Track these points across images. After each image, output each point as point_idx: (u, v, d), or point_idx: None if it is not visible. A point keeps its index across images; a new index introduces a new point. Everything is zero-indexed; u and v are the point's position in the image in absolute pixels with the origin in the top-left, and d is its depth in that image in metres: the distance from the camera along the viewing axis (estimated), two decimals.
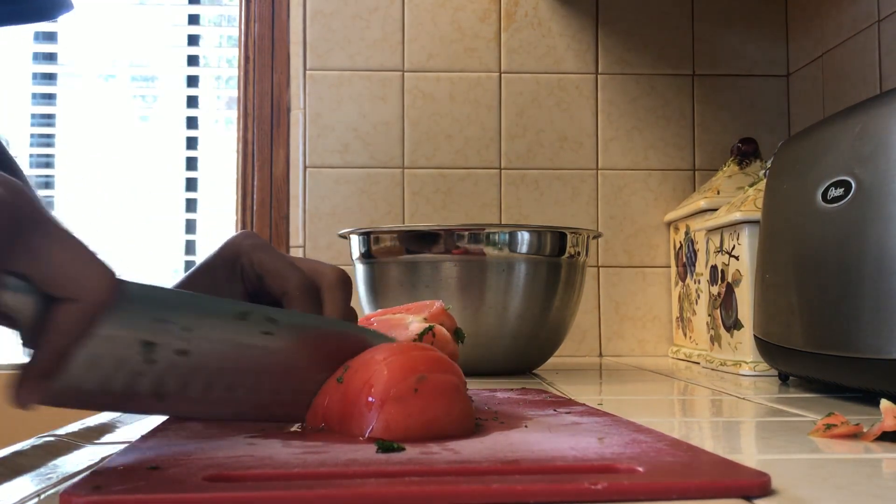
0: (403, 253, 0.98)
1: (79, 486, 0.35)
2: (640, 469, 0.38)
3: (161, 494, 0.34)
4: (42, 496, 0.38)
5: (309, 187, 1.40)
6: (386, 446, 0.43)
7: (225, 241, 0.63)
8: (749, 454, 0.48)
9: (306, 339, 0.50)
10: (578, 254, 1.02)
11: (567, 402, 0.66)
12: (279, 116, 1.43)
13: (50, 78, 1.71)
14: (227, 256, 0.61)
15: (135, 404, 0.45)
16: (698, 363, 1.18)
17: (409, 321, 0.61)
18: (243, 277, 0.61)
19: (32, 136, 1.70)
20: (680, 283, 1.34)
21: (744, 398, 0.76)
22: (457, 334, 0.63)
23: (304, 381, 0.50)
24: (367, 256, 1.02)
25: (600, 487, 0.34)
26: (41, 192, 1.64)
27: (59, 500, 0.33)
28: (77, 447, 0.52)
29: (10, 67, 1.69)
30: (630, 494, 0.35)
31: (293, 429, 0.51)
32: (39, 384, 0.40)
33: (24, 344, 0.41)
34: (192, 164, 1.71)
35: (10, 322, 0.41)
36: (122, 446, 0.47)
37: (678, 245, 1.35)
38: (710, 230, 1.11)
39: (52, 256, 0.39)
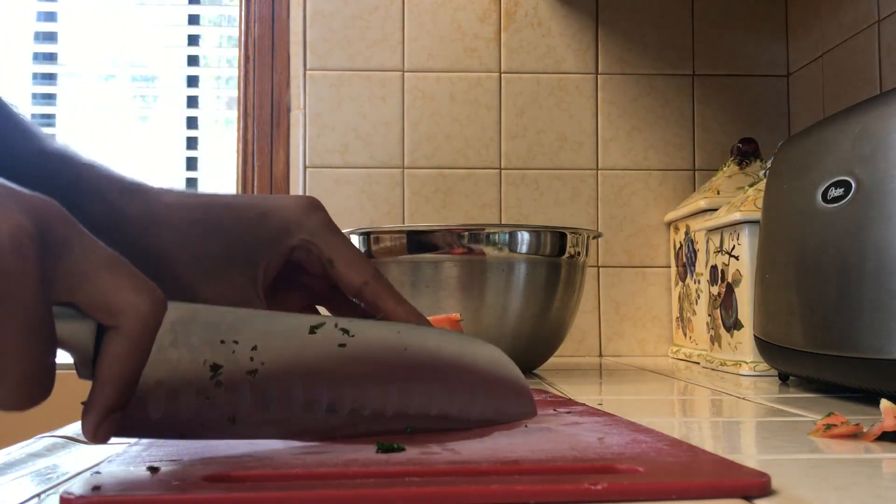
0: (404, 253, 0.98)
1: (79, 486, 0.35)
2: (641, 469, 0.38)
3: (160, 495, 0.34)
4: (42, 496, 0.38)
5: (309, 187, 1.40)
6: (386, 447, 0.43)
7: (274, 203, 0.56)
8: (749, 454, 0.48)
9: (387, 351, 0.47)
10: (578, 254, 1.02)
11: (567, 402, 0.66)
12: (279, 116, 1.43)
13: (50, 78, 1.71)
14: (288, 224, 0.55)
15: (207, 430, 0.43)
16: (698, 363, 1.18)
17: None
18: (296, 257, 0.55)
19: None
20: (680, 283, 1.34)
21: (744, 398, 0.76)
22: None
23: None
24: (367, 256, 1.02)
25: (601, 488, 0.34)
26: None
27: (59, 500, 0.33)
28: (77, 447, 0.52)
29: (10, 68, 1.69)
30: (630, 495, 0.35)
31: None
32: (105, 417, 0.38)
33: (83, 376, 0.39)
34: (192, 164, 1.71)
35: (74, 354, 0.38)
36: (122, 446, 0.47)
37: (678, 245, 1.35)
38: (710, 230, 1.11)
39: (93, 282, 0.37)
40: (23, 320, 0.34)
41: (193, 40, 1.72)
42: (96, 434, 0.38)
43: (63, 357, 0.38)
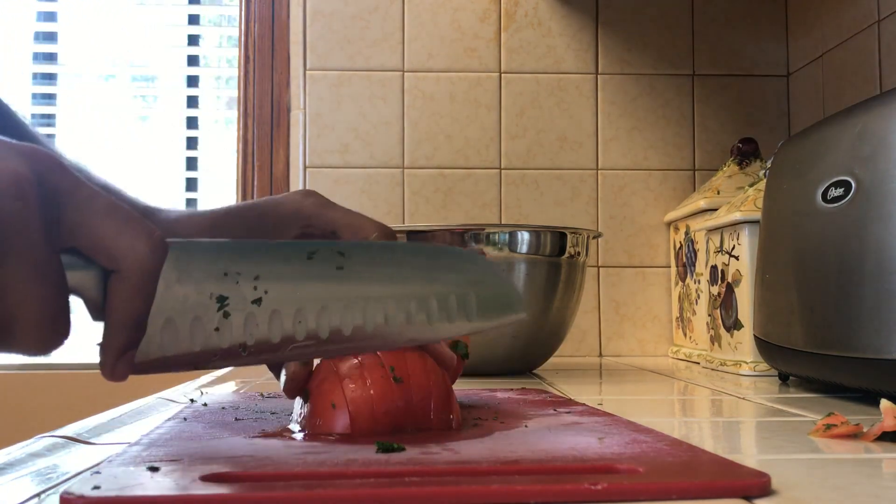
0: None
1: (79, 486, 0.35)
2: (641, 469, 0.38)
3: (160, 494, 0.34)
4: (42, 496, 0.38)
5: (309, 187, 1.40)
6: (386, 446, 0.43)
7: (272, 201, 0.59)
8: (749, 454, 0.48)
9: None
10: (578, 254, 1.02)
11: (567, 402, 0.66)
12: (279, 116, 1.43)
13: (50, 78, 1.71)
14: (286, 217, 0.58)
15: (220, 360, 0.44)
16: (698, 363, 1.18)
17: None
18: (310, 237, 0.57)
19: None
20: (680, 283, 1.34)
21: (744, 398, 0.76)
22: (456, 347, 0.60)
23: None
24: None
25: (600, 488, 0.34)
26: None
27: (59, 500, 0.33)
28: (77, 447, 0.52)
29: (11, 68, 1.69)
30: (630, 494, 0.35)
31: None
32: (120, 356, 0.40)
33: (96, 319, 0.41)
34: (192, 164, 1.71)
35: (84, 300, 0.40)
36: (122, 446, 0.47)
37: (678, 245, 1.35)
38: (710, 230, 1.11)
39: (92, 228, 0.38)
40: (32, 264, 0.36)
41: (193, 40, 1.72)
42: (114, 373, 0.40)
43: (61, 357, 0.38)
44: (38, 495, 0.38)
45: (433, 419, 0.51)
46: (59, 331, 0.38)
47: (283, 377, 0.53)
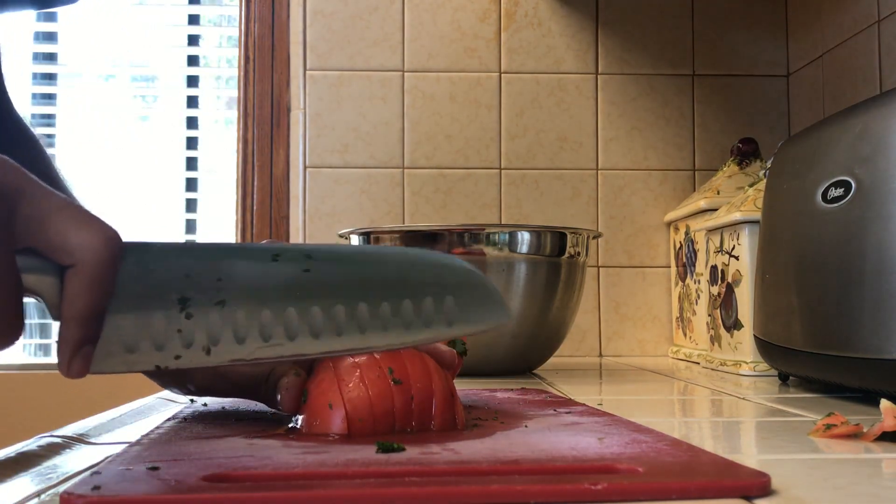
0: None
1: (79, 486, 0.35)
2: (641, 469, 0.38)
3: (161, 495, 0.34)
4: (42, 496, 0.38)
5: (309, 187, 1.40)
6: (386, 446, 0.43)
7: None
8: (749, 454, 0.48)
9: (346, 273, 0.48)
10: (578, 254, 1.02)
11: (566, 402, 0.66)
12: (279, 116, 1.43)
13: (50, 78, 1.72)
14: None
15: (184, 360, 0.44)
16: (698, 363, 1.18)
17: None
18: None
19: None
20: (680, 283, 1.34)
21: (744, 398, 0.76)
22: (454, 345, 0.60)
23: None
24: None
25: (601, 488, 0.34)
26: None
27: (59, 500, 0.33)
28: (77, 447, 0.52)
29: (11, 68, 1.69)
30: (630, 495, 0.35)
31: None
32: (76, 352, 0.40)
33: (55, 318, 0.41)
34: (192, 164, 1.71)
35: (43, 300, 0.41)
36: (122, 446, 0.47)
37: (678, 245, 1.35)
38: (710, 230, 1.11)
39: (49, 223, 0.39)
40: None
41: (193, 40, 1.72)
42: (70, 368, 0.41)
43: (54, 356, 0.39)
44: (38, 495, 0.38)
45: (436, 420, 0.51)
46: (11, 332, 0.39)
47: (279, 396, 0.53)
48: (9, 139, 0.77)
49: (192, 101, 1.71)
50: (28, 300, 0.42)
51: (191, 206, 1.69)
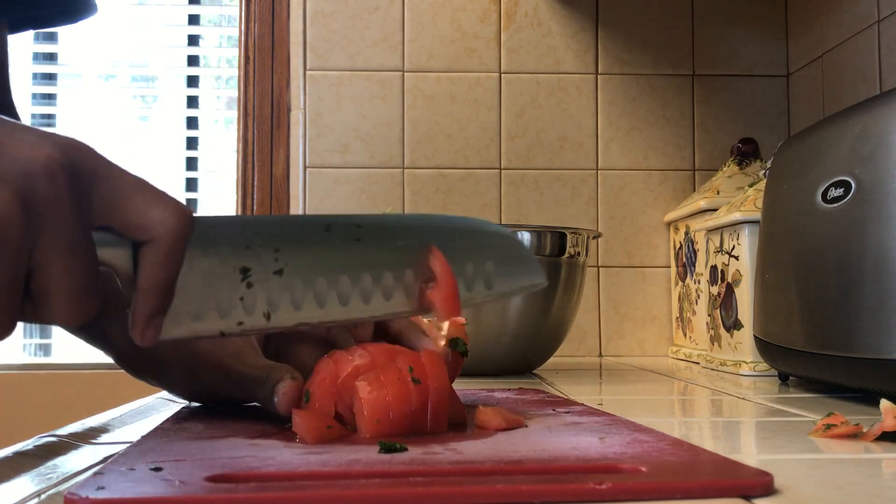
0: None
1: (83, 487, 0.35)
2: (644, 469, 0.38)
3: (164, 495, 0.34)
4: (42, 496, 0.38)
5: (309, 187, 1.40)
6: (388, 447, 0.43)
7: None
8: (749, 454, 0.48)
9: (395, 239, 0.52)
10: (578, 254, 1.02)
11: (565, 402, 0.66)
12: (279, 116, 1.43)
13: (50, 78, 1.71)
14: None
15: (246, 326, 0.47)
16: (698, 363, 1.19)
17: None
18: None
19: None
20: (680, 283, 1.34)
21: (744, 398, 0.76)
22: (455, 345, 0.58)
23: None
24: None
25: (605, 487, 0.34)
26: None
27: (63, 500, 0.33)
28: (77, 447, 0.52)
29: (11, 68, 1.69)
30: (635, 494, 0.35)
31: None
32: (150, 321, 0.44)
33: (127, 291, 0.44)
34: (192, 164, 1.71)
35: (116, 273, 0.43)
36: (122, 446, 0.47)
37: (678, 245, 1.35)
38: (710, 230, 1.11)
39: (125, 203, 0.42)
40: (65, 241, 0.39)
41: (193, 40, 1.72)
42: (143, 337, 0.44)
43: (58, 357, 0.39)
44: (38, 495, 0.38)
45: (449, 420, 0.50)
46: (89, 303, 0.41)
47: (275, 399, 0.52)
48: None
49: (192, 101, 1.71)
50: None
51: (191, 206, 1.69)
